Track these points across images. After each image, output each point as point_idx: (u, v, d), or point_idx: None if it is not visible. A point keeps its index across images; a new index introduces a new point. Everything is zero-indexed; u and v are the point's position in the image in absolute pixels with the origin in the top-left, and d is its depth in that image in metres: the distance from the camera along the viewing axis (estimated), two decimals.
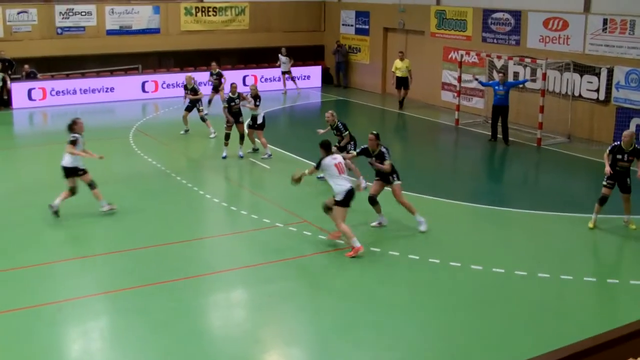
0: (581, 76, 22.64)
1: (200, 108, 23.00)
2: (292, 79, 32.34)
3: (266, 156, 20.23)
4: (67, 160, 15.30)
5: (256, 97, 20.16)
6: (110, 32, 31.26)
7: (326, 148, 13.80)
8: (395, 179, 14.58)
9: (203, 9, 32.91)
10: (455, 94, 25.91)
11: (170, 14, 32.29)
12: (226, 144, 20.28)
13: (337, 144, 16.75)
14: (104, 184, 17.62)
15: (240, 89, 22.69)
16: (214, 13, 33.14)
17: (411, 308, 11.34)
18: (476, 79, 25.37)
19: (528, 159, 21.44)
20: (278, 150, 21.23)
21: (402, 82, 28.37)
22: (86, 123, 15.93)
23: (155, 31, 32.11)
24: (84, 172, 15.48)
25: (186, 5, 32.59)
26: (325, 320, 10.97)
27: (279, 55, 31.96)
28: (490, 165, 21.72)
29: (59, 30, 30.38)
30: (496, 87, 22.42)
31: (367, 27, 32.76)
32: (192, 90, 23.09)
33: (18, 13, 29.58)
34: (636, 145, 14.66)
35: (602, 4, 22.30)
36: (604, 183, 14.83)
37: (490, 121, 23.48)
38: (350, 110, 29.50)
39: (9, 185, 18.59)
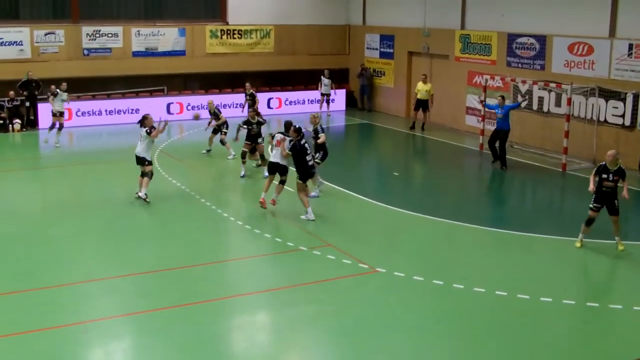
0: (606, 101, 22.54)
1: (224, 131, 23.06)
2: (328, 101, 32.47)
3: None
4: (140, 150, 18.19)
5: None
6: (136, 54, 31.54)
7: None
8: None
9: (228, 32, 33.13)
10: (480, 119, 25.86)
11: (195, 36, 32.53)
12: (243, 162, 20.60)
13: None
14: (129, 205, 17.77)
15: (265, 111, 22.89)
16: (239, 36, 33.35)
17: (436, 334, 11.27)
18: (482, 101, 25.37)
19: (553, 184, 21.33)
20: None
21: (422, 104, 28.45)
22: (111, 144, 16.06)
23: (181, 53, 32.35)
24: (150, 163, 18.29)
25: (212, 27, 32.82)
26: (349, 344, 10.90)
27: (322, 77, 32.20)
28: (516, 191, 21.60)
29: (86, 52, 30.68)
30: (496, 111, 22.47)
31: (391, 50, 32.82)
32: (214, 114, 23.21)
33: (45, 34, 29.92)
34: (621, 165, 14.75)
35: (627, 29, 22.23)
36: (591, 206, 14.95)
37: (513, 145, 23.48)
38: (375, 133, 29.56)
39: (35, 205, 18.78)
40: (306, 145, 17.02)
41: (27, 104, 28.59)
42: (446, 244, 15.49)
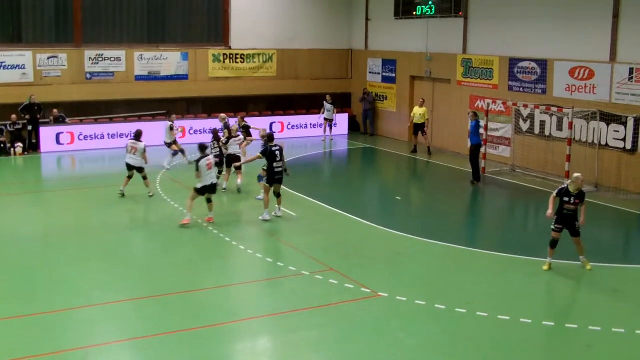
0: (608, 125, 22.57)
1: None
2: (331, 126, 32.49)
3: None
4: (135, 162, 20.72)
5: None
6: (139, 78, 31.66)
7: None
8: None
9: (231, 56, 33.26)
10: (482, 143, 25.86)
11: (198, 60, 32.66)
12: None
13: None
14: (130, 230, 17.75)
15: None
16: (242, 60, 33.48)
17: (439, 358, 11.22)
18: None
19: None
20: (304, 197, 21.27)
21: (419, 128, 28.55)
22: (113, 168, 16.09)
23: (184, 77, 32.47)
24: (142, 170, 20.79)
25: (214, 51, 32.96)
26: None
27: (324, 102, 32.21)
28: (518, 215, 21.57)
29: (88, 76, 30.79)
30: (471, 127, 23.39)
31: (394, 75, 32.93)
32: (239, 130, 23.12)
33: (48, 58, 30.04)
34: (582, 190, 14.96)
35: (628, 53, 22.31)
36: (552, 227, 15.16)
37: (515, 169, 23.61)
38: (377, 157, 29.59)
39: (36, 229, 18.73)
40: (277, 152, 18.31)
41: (30, 127, 28.63)
42: (449, 268, 15.44)
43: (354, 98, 35.44)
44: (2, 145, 28.22)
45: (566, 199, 14.94)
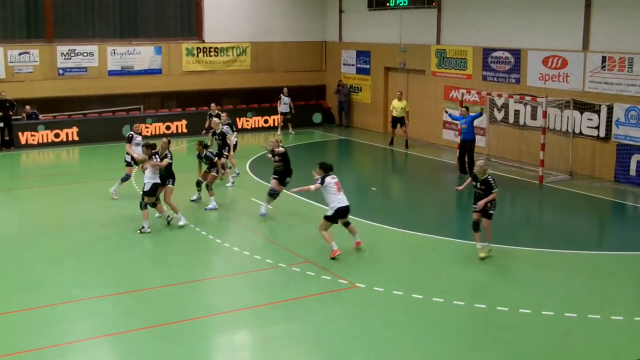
0: (581, 114, 22.73)
1: (225, 154, 22.41)
2: (289, 120, 32.24)
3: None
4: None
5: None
6: (112, 73, 31.45)
7: (326, 168, 15.48)
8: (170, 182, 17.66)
9: (205, 50, 33.12)
10: (457, 133, 25.97)
11: (172, 54, 32.50)
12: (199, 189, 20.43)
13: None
14: (106, 226, 17.63)
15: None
16: (216, 53, 33.35)
17: (416, 348, 11.27)
18: (446, 112, 25.64)
19: (530, 196, 21.46)
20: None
21: (398, 121, 28.52)
22: (88, 164, 15.96)
23: (157, 72, 32.30)
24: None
25: (188, 45, 32.81)
26: None
27: (281, 95, 31.90)
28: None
29: (61, 71, 30.55)
30: (460, 122, 22.83)
31: (368, 66, 32.95)
32: (219, 136, 22.64)
33: (20, 54, 29.76)
34: (489, 178, 15.17)
35: (600, 42, 22.46)
36: (473, 208, 15.41)
37: (490, 159, 23.72)
38: (353, 149, 29.61)
39: (11, 226, 18.59)
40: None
41: (2, 124, 28.33)
42: (425, 258, 15.50)
43: (329, 90, 35.42)
44: None
45: (474, 183, 15.42)
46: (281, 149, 18.50)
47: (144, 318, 12.38)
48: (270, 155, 18.79)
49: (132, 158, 20.35)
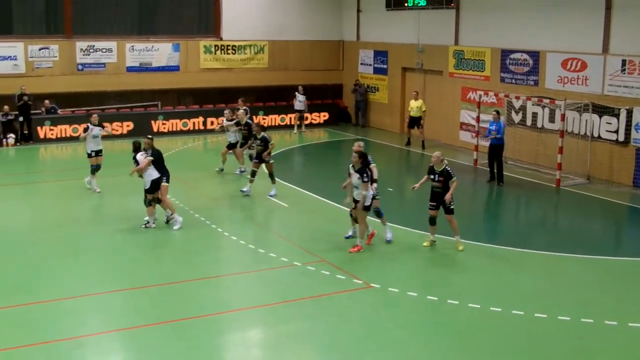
0: (600, 117, 22.57)
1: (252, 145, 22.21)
2: (303, 118, 32.51)
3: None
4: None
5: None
6: (131, 69, 31.57)
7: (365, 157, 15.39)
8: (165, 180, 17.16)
9: (222, 47, 33.17)
10: (474, 134, 25.91)
11: (190, 51, 32.58)
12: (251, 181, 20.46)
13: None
14: (122, 221, 17.68)
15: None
16: (233, 51, 33.40)
17: (430, 350, 11.23)
18: (477, 133, 25.51)
19: (547, 200, 21.34)
20: (295, 188, 21.27)
21: (415, 122, 28.47)
22: (105, 160, 16.01)
23: (175, 69, 32.38)
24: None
25: (206, 43, 32.87)
26: None
27: (296, 93, 32.13)
28: (510, 207, 21.54)
29: (80, 67, 30.69)
30: (491, 127, 22.59)
31: (385, 66, 32.89)
32: (245, 126, 22.71)
33: (40, 49, 29.93)
34: (447, 167, 15.38)
35: (620, 45, 22.30)
36: (428, 205, 15.76)
37: (507, 161, 23.63)
38: (369, 149, 29.43)
39: (28, 220, 18.68)
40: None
41: (21, 118, 28.51)
42: (441, 260, 15.47)
43: (346, 89, 35.40)
44: None
45: (432, 176, 15.58)
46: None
47: (157, 314, 12.42)
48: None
49: (93, 150, 20.72)
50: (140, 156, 17.14)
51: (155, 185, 17.12)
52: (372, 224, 16.22)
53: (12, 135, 28.33)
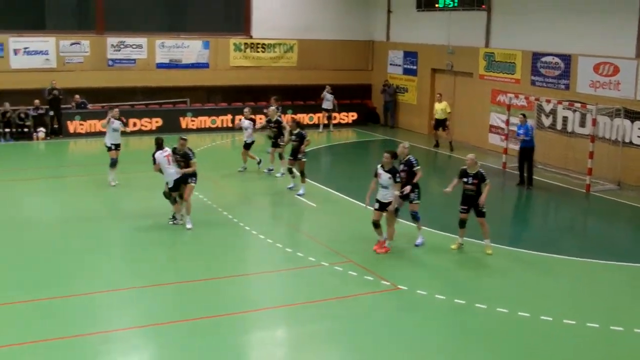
0: (632, 122, 22.33)
1: (282, 144, 22.32)
2: (330, 117, 32.60)
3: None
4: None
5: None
6: (160, 66, 31.70)
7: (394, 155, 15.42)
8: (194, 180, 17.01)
9: (252, 45, 33.23)
10: (503, 137, 25.76)
11: (219, 49, 32.67)
12: (293, 176, 20.70)
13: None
14: (152, 217, 17.75)
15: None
16: (263, 49, 33.44)
17: (455, 354, 11.15)
18: (506, 135, 25.36)
19: (576, 205, 21.16)
20: (324, 188, 21.25)
21: (440, 124, 28.44)
22: (135, 155, 16.08)
23: (204, 66, 32.47)
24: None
25: (235, 41, 32.94)
26: None
27: (325, 92, 32.21)
28: (539, 211, 21.41)
29: (110, 62, 30.87)
30: (520, 131, 22.44)
31: (414, 67, 32.79)
32: (275, 123, 22.77)
33: (71, 44, 30.14)
34: (480, 170, 15.37)
35: None
36: (459, 209, 15.67)
37: (537, 165, 23.46)
38: (396, 150, 29.40)
39: (58, 213, 18.79)
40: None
41: (51, 113, 28.76)
42: (469, 263, 15.36)
43: (375, 90, 35.33)
44: (27, 130, 28.40)
45: (465, 179, 15.49)
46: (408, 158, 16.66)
47: (184, 310, 12.45)
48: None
49: (113, 143, 21.07)
50: (159, 154, 17.09)
51: (178, 184, 17.09)
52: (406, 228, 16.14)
53: (43, 129, 28.60)
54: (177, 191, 17.14)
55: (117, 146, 21.22)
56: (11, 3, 30.45)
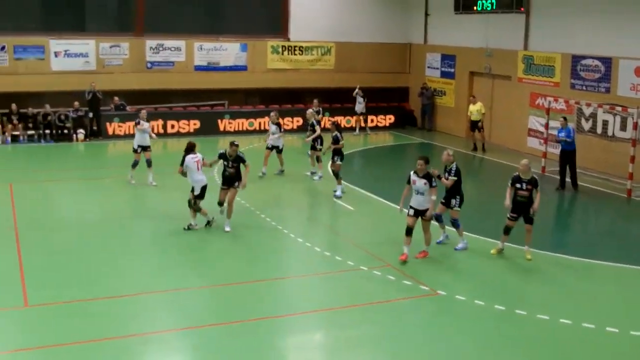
0: None
1: (319, 147, 22.38)
2: (364, 120, 32.59)
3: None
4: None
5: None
6: (198, 68, 31.90)
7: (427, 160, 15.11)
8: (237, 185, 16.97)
9: (290, 48, 33.29)
10: (542, 141, 25.53)
11: (257, 51, 32.78)
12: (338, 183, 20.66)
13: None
14: (187, 219, 17.81)
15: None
16: (300, 52, 33.49)
17: None
18: (545, 138, 25.10)
19: (617, 209, 20.87)
20: (361, 191, 21.22)
21: (475, 126, 28.30)
22: (173, 157, 16.23)
23: (242, 68, 32.60)
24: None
25: (273, 43, 33.02)
26: None
27: (356, 95, 32.16)
28: (579, 216, 21.20)
29: (149, 65, 31.11)
30: (560, 134, 22.25)
31: (452, 70, 32.64)
32: (310, 126, 23.05)
33: (110, 47, 30.43)
34: (534, 176, 15.15)
35: None
36: (508, 216, 15.47)
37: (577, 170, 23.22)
38: (435, 154, 29.24)
39: (97, 214, 18.93)
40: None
41: (91, 114, 29.07)
42: (510, 269, 15.22)
43: (412, 92, 35.21)
44: (67, 132, 28.73)
45: (518, 185, 15.28)
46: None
47: (222, 313, 12.54)
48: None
49: (140, 145, 21.52)
50: (189, 159, 17.04)
51: (204, 191, 17.07)
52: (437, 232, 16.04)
53: (82, 130, 28.92)
54: (202, 198, 17.09)
55: (146, 148, 21.51)
56: (52, 6, 30.83)
